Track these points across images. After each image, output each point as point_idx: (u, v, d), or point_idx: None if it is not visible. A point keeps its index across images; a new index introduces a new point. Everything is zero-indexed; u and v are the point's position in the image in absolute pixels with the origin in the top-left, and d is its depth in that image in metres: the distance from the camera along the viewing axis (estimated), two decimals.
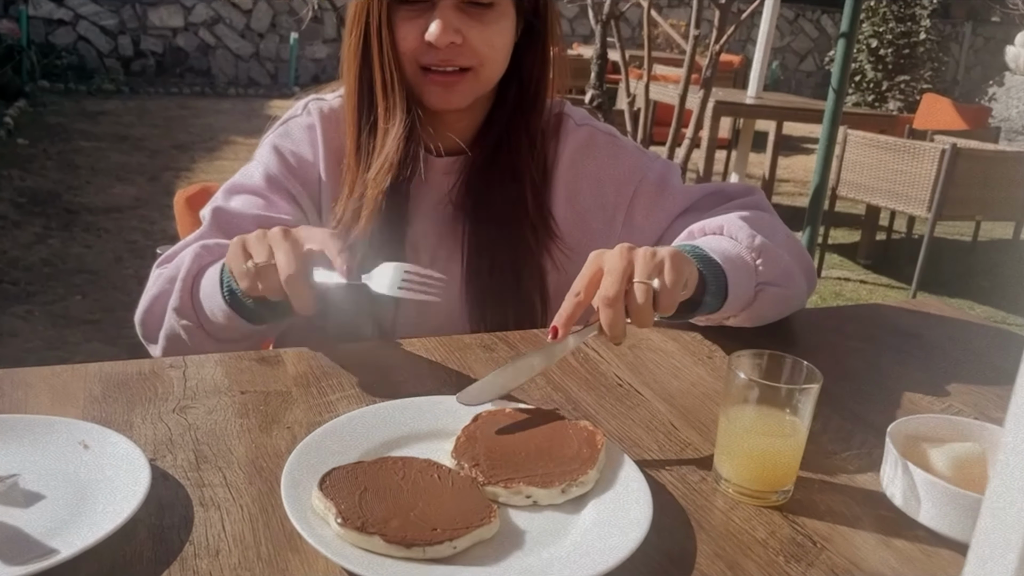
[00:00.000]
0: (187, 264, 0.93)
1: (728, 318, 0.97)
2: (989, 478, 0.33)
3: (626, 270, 0.76)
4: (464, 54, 0.99)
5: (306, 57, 9.49)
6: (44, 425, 0.68)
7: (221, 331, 0.91)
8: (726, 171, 5.95)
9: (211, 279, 0.90)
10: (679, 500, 0.68)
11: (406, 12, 0.99)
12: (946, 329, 1.13)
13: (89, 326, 3.07)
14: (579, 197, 1.12)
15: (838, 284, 4.44)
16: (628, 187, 1.12)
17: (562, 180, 1.12)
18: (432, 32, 0.97)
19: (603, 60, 2.78)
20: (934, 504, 0.65)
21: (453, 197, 1.08)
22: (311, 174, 1.08)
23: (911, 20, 9.47)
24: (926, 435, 0.72)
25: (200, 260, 0.94)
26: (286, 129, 1.10)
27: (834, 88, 2.97)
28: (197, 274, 0.93)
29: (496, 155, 1.07)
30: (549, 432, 0.72)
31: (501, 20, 1.01)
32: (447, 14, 0.97)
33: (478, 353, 0.93)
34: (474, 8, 0.99)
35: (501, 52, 1.03)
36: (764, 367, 0.72)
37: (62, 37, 8.47)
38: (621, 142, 1.15)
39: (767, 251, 0.95)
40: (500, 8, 1.00)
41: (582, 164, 1.13)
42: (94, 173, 5.12)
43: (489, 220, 1.07)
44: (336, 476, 0.62)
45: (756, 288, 0.94)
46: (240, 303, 0.87)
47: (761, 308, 0.97)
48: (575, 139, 1.13)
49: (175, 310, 0.92)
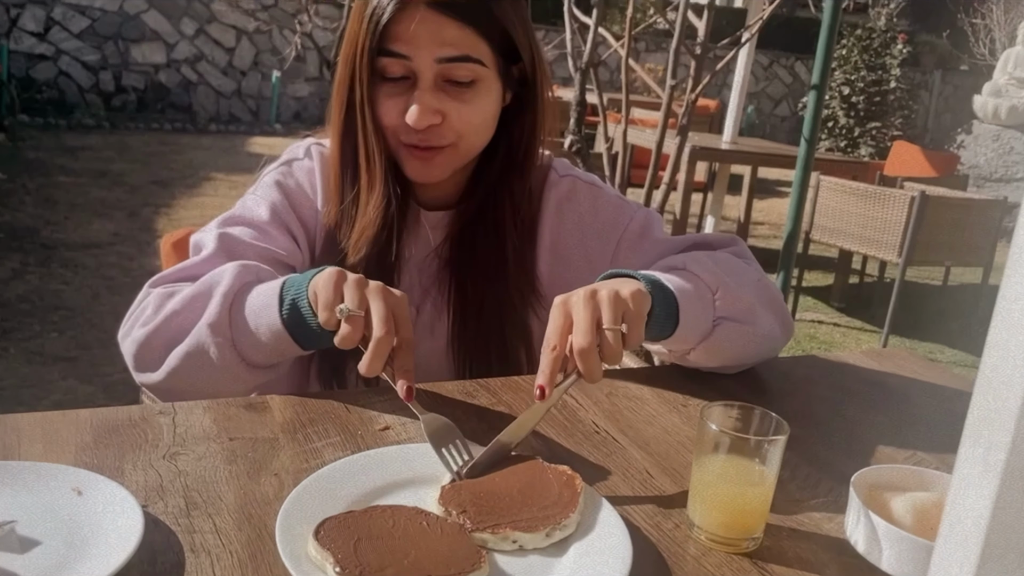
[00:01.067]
0: (229, 280, 0.91)
1: (688, 351, 0.99)
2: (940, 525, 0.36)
3: (594, 317, 0.80)
4: (444, 134, 1.01)
5: (288, 95, 9.56)
6: (38, 471, 0.70)
7: (255, 351, 0.90)
8: (702, 213, 6.05)
9: (266, 294, 0.90)
10: (655, 545, 0.71)
11: (388, 88, 1.00)
12: (911, 378, 1.17)
13: (65, 363, 3.06)
14: (563, 246, 1.15)
15: (812, 327, 4.52)
16: (611, 237, 1.15)
17: (547, 230, 1.15)
18: (411, 115, 0.98)
19: (582, 107, 2.85)
20: (894, 551, 0.68)
21: (441, 251, 1.10)
22: (310, 215, 1.10)
23: (882, 69, 9.74)
24: (888, 484, 0.76)
25: (243, 277, 0.92)
26: (289, 168, 1.11)
27: (806, 138, 3.06)
28: (239, 291, 0.91)
29: (483, 212, 1.09)
30: (530, 477, 0.75)
31: (483, 96, 1.02)
32: (426, 96, 0.98)
33: (460, 401, 0.95)
34: (455, 87, 1.00)
35: (483, 127, 1.04)
36: (734, 418, 0.76)
37: (43, 72, 8.49)
38: (603, 191, 1.18)
39: (726, 287, 0.97)
40: (483, 84, 1.01)
41: (566, 214, 1.15)
42: (73, 208, 5.12)
43: (476, 275, 1.09)
44: (330, 525, 0.64)
45: (714, 321, 0.96)
46: (297, 323, 0.87)
47: (721, 342, 0.98)
48: (558, 191, 1.16)
49: (210, 325, 0.89)
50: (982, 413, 0.35)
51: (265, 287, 0.91)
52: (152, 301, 0.95)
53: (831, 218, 4.34)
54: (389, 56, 0.98)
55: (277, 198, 1.08)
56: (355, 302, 0.82)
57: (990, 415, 0.34)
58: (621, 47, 2.89)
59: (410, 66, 0.98)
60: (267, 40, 9.33)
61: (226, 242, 1.01)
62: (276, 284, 0.90)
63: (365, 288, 0.84)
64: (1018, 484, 0.33)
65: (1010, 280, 0.31)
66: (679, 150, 2.94)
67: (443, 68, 0.98)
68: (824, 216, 4.38)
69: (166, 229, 4.84)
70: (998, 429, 0.34)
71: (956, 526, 0.35)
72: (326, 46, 6.21)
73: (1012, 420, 0.33)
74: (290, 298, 0.88)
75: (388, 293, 0.85)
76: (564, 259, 1.14)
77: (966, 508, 0.35)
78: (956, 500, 0.36)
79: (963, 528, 0.35)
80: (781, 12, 3.32)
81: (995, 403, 0.33)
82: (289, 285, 0.89)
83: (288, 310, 0.88)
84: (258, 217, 1.05)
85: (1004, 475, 0.34)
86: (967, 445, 0.36)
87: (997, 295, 0.32)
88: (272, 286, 0.90)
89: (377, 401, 0.93)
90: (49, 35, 8.47)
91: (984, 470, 0.35)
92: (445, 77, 0.99)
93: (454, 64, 0.98)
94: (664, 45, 9.41)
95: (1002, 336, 0.32)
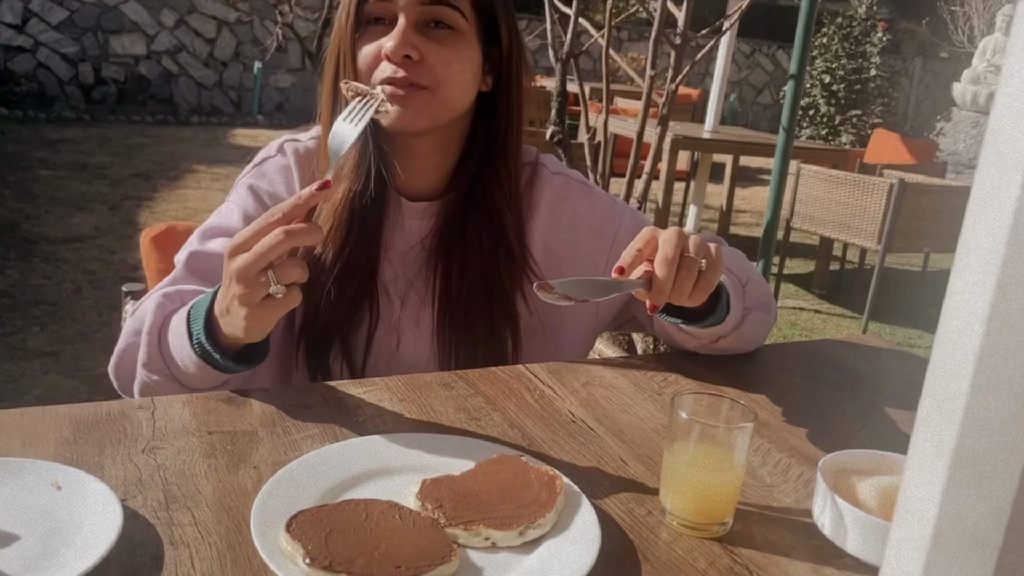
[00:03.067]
0: (150, 318, 0.93)
1: (718, 339, 1.07)
2: (895, 508, 0.38)
3: (680, 243, 0.87)
4: (421, 72, 1.00)
5: (270, 86, 9.51)
6: (16, 467, 0.71)
7: (195, 381, 0.92)
8: (685, 202, 6.08)
9: (177, 332, 0.90)
10: (627, 532, 0.73)
11: (368, 34, 1.02)
12: (883, 364, 1.20)
13: (48, 358, 3.05)
14: (555, 243, 1.15)
15: (793, 314, 4.56)
16: (606, 236, 1.16)
17: (540, 227, 1.15)
18: (388, 45, 0.98)
19: (563, 97, 2.85)
20: (859, 534, 0.70)
21: (426, 243, 1.10)
22: None
23: (862, 57, 9.79)
24: (855, 468, 0.78)
25: (163, 311, 0.94)
26: (261, 170, 1.11)
27: (784, 127, 3.09)
28: (162, 326, 0.93)
29: (470, 201, 1.09)
30: (511, 476, 0.75)
31: (461, 45, 1.02)
32: (405, 31, 0.99)
33: (438, 391, 0.97)
34: (434, 31, 1.01)
35: (460, 76, 1.03)
36: (704, 406, 0.78)
37: (21, 64, 8.40)
38: (594, 191, 1.20)
39: (752, 278, 1.07)
40: (462, 35, 1.02)
41: (560, 212, 1.16)
42: (53, 202, 5.08)
43: (463, 266, 1.08)
44: (302, 518, 0.65)
45: (743, 311, 1.05)
46: (209, 353, 0.88)
47: (747, 331, 1.07)
48: (551, 188, 1.16)
49: (144, 366, 0.92)
50: (934, 397, 0.36)
51: (177, 321, 0.91)
52: (124, 327, 0.99)
53: (811, 206, 4.38)
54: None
55: (250, 204, 1.08)
56: (273, 280, 0.78)
57: (940, 401, 0.36)
58: (602, 37, 2.90)
59: (393, 8, 1.00)
60: (248, 31, 9.27)
61: (193, 262, 1.03)
62: (183, 317, 0.90)
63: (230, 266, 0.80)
64: (968, 467, 0.35)
65: (959, 264, 0.32)
66: (660, 139, 2.95)
67: (424, 10, 1.00)
68: (805, 204, 4.41)
69: (148, 222, 4.82)
70: (947, 413, 0.35)
71: (909, 509, 0.37)
72: (308, 37, 6.17)
73: (961, 405, 0.34)
74: (196, 332, 0.88)
75: (269, 242, 0.78)
76: (555, 255, 1.14)
77: (918, 491, 0.37)
78: (909, 484, 0.37)
79: (916, 511, 0.36)
80: (762, 0, 3.33)
81: (945, 388, 0.35)
82: (195, 316, 0.89)
83: (197, 346, 0.88)
84: (235, 225, 1.06)
85: (953, 459, 0.35)
86: (919, 430, 0.37)
87: None
88: (180, 319, 0.91)
89: (356, 392, 0.94)
90: (27, 27, 8.38)
91: (935, 455, 0.36)
92: (425, 20, 1.01)
93: (435, 8, 1.00)
94: (646, 34, 9.43)
95: (952, 324, 0.33)
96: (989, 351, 0.30)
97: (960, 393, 0.34)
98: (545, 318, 1.13)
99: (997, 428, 0.31)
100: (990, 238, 0.29)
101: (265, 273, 0.78)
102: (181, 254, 1.05)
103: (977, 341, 0.30)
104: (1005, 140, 0.28)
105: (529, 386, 1.00)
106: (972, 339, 0.31)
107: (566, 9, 2.89)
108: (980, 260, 0.30)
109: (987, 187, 0.29)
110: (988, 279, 0.30)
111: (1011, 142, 0.28)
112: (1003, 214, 0.29)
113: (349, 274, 1.06)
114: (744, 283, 1.05)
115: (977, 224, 0.30)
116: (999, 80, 0.29)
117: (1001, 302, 0.29)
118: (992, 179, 0.29)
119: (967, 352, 0.33)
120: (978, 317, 0.30)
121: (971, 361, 0.32)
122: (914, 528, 0.36)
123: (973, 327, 0.31)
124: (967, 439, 0.34)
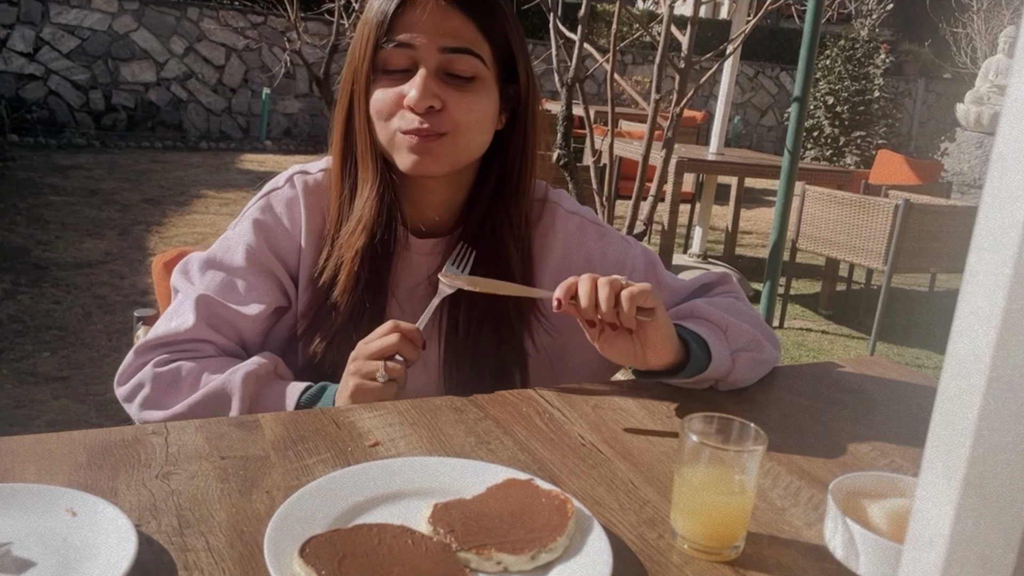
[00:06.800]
0: (239, 393, 1.00)
1: (716, 382, 1.07)
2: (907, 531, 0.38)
3: (615, 281, 0.94)
4: (442, 120, 1.00)
5: (278, 111, 9.59)
6: (32, 493, 0.71)
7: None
8: (690, 224, 6.09)
9: (279, 401, 1.02)
10: (638, 556, 0.73)
11: (387, 80, 1.02)
12: (891, 386, 1.20)
13: (58, 383, 3.06)
14: None
15: (800, 335, 4.55)
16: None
17: (553, 268, 1.14)
18: (411, 96, 0.99)
19: (569, 121, 2.87)
20: (870, 557, 0.70)
21: (433, 280, 1.09)
22: (291, 248, 1.10)
23: (865, 78, 9.83)
24: (865, 491, 0.78)
25: (253, 390, 1.01)
26: (267, 203, 1.11)
27: (789, 149, 3.10)
28: (252, 404, 1.01)
29: (479, 239, 1.09)
30: (522, 499, 0.75)
31: (482, 93, 1.03)
32: (427, 80, 0.99)
33: (448, 415, 0.97)
34: (455, 80, 1.01)
35: (479, 123, 1.04)
36: (714, 429, 0.78)
37: (33, 92, 8.50)
38: (608, 232, 1.20)
39: (730, 324, 1.06)
40: (482, 83, 1.03)
41: (575, 253, 1.16)
42: (64, 228, 5.12)
43: (471, 304, 1.08)
44: (315, 543, 0.65)
45: (732, 355, 1.04)
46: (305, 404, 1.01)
47: (741, 371, 1.07)
48: (566, 228, 1.16)
49: (163, 419, 0.99)
50: (943, 420, 0.36)
51: (281, 399, 1.03)
52: (151, 382, 1.01)
53: (817, 227, 4.39)
54: (394, 46, 1.00)
55: (253, 240, 1.08)
56: (383, 370, 0.97)
57: (951, 422, 0.36)
58: (606, 61, 2.93)
59: (413, 56, 1.00)
60: (256, 57, 9.36)
61: (204, 310, 1.04)
62: (295, 394, 1.03)
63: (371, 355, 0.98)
64: (977, 490, 0.35)
65: (967, 287, 0.32)
66: (665, 162, 2.97)
67: (445, 59, 1.00)
68: (810, 225, 4.42)
69: (158, 247, 4.85)
70: (958, 435, 0.35)
71: (921, 532, 0.37)
72: (315, 63, 6.24)
73: (971, 426, 0.34)
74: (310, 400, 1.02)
75: (375, 343, 0.98)
76: None
77: (930, 514, 0.37)
78: (920, 506, 0.37)
79: (927, 533, 0.37)
80: (766, 24, 3.36)
81: (955, 410, 0.35)
82: (305, 403, 1.02)
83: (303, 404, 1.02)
84: (238, 265, 1.07)
85: (964, 482, 0.35)
86: (930, 451, 0.37)
87: None
88: (291, 397, 1.03)
89: (367, 417, 0.94)
90: (39, 55, 8.48)
91: (946, 477, 0.37)
92: (446, 69, 1.01)
93: (456, 55, 1.00)
94: (651, 58, 9.48)
95: (961, 346, 0.33)
96: (998, 373, 0.30)
97: (970, 415, 0.34)
98: (555, 355, 1.14)
99: (1008, 449, 0.31)
100: (998, 261, 0.30)
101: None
102: (183, 283, 1.07)
103: (986, 363, 0.31)
104: (1010, 161, 0.29)
105: (538, 409, 1.00)
106: (981, 361, 0.31)
107: (571, 34, 2.92)
108: (988, 282, 0.30)
109: (993, 209, 0.29)
110: (996, 301, 0.30)
111: (1016, 163, 0.28)
112: (1010, 236, 0.29)
113: (358, 316, 1.06)
114: (724, 328, 1.05)
115: (984, 246, 0.30)
116: (1003, 101, 0.29)
117: (1010, 324, 0.30)
118: (998, 201, 0.29)
119: (977, 374, 0.33)
120: (987, 339, 0.31)
121: (981, 383, 0.32)
122: (926, 551, 0.36)
123: (982, 349, 0.31)
124: (978, 461, 0.34)
